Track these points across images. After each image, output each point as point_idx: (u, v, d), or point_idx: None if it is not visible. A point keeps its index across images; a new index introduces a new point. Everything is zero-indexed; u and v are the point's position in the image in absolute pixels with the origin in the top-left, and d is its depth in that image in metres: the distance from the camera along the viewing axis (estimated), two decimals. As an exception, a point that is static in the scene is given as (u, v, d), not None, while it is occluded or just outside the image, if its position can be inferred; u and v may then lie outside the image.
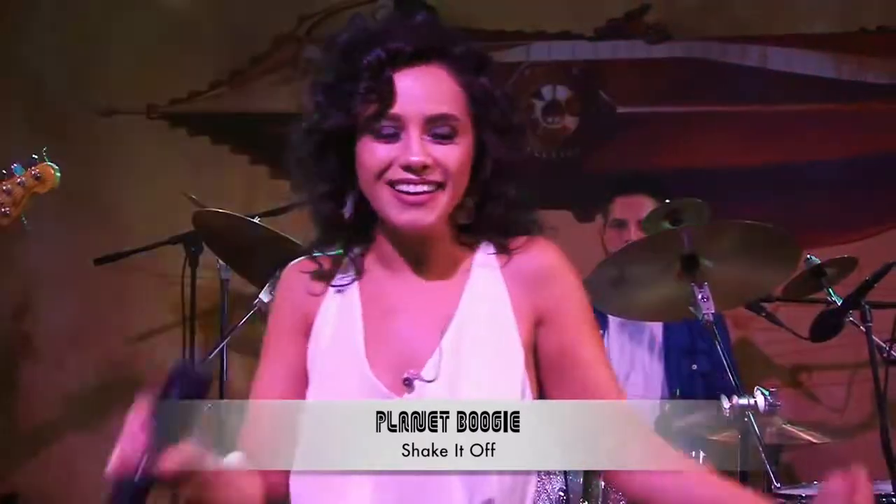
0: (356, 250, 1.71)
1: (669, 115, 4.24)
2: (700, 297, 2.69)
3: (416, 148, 1.59)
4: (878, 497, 2.88)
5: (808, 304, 3.32)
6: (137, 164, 4.52)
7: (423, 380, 1.60)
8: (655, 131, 4.25)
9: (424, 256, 1.67)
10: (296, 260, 1.78)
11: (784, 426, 3.11)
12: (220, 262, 3.50)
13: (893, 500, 2.71)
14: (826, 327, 3.04)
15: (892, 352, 2.96)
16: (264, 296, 3.09)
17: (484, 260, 1.68)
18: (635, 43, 4.31)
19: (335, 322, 1.68)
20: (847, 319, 3.00)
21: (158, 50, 4.54)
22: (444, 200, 1.61)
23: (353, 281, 1.70)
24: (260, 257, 3.23)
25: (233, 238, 3.31)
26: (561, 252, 1.69)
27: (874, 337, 2.86)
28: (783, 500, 2.92)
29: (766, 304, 3.28)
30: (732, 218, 3.02)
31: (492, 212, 1.67)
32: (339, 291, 1.70)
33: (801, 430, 3.28)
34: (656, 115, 4.27)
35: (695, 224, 3.11)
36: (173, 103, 4.55)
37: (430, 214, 1.60)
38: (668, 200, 3.32)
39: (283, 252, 3.18)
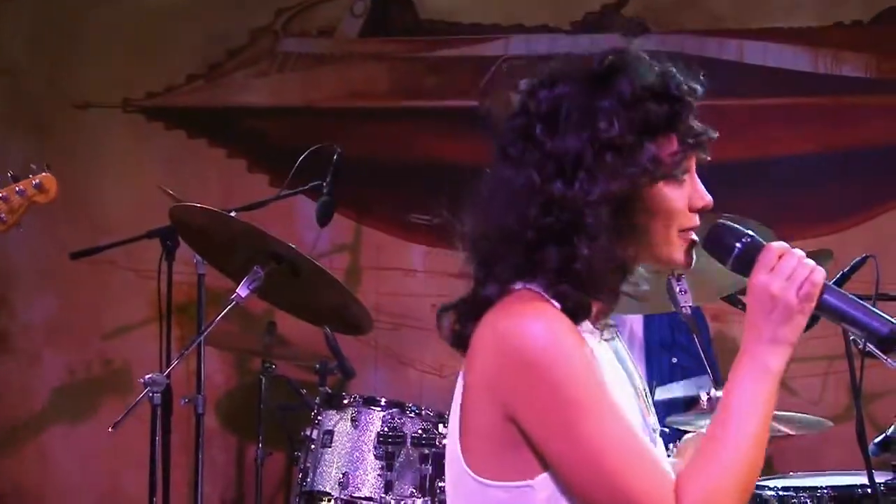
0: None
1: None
2: (678, 290, 2.69)
3: (705, 189, 1.54)
4: (854, 487, 2.91)
5: (785, 296, 3.33)
6: (113, 158, 4.50)
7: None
8: (633, 125, 4.26)
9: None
10: (539, 310, 1.45)
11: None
12: (197, 256, 3.49)
13: (869, 490, 2.73)
14: (802, 320, 3.05)
15: (868, 344, 2.97)
16: (241, 291, 3.07)
17: None
18: (613, 36, 4.31)
19: (612, 375, 1.52)
20: (823, 312, 3.01)
21: (134, 43, 4.52)
22: None
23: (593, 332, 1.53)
24: (237, 252, 3.22)
25: (210, 233, 3.29)
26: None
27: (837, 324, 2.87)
28: (760, 492, 2.94)
29: (743, 297, 3.28)
30: (709, 211, 3.02)
31: None
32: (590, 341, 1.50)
33: (777, 422, 3.30)
34: (634, 109, 4.28)
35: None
36: (150, 97, 4.52)
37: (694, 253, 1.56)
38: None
39: (260, 247, 3.19)
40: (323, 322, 3.39)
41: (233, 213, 3.30)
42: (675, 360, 3.60)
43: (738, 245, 1.51)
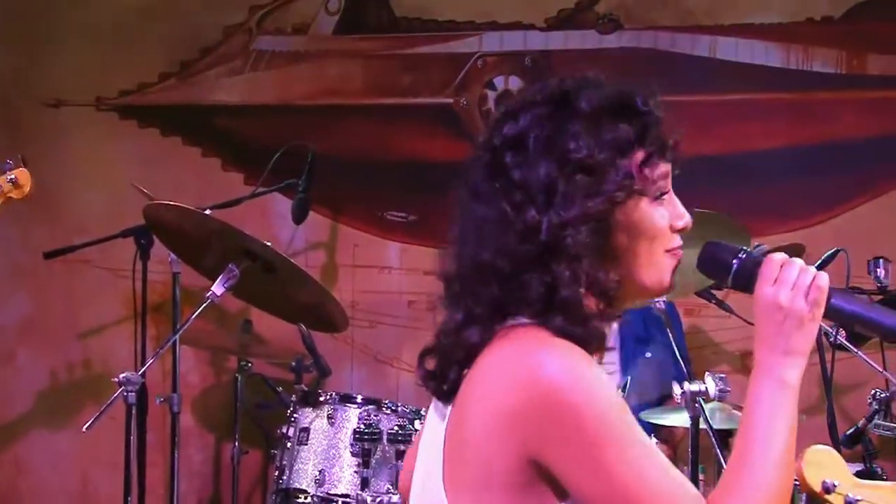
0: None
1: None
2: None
3: (683, 207, 1.50)
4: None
5: (757, 290, 3.36)
6: (86, 157, 4.47)
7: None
8: (606, 121, 4.27)
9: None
10: (561, 348, 1.39)
11: (734, 411, 3.16)
12: (172, 255, 3.48)
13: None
14: (775, 313, 3.08)
15: (839, 337, 3.00)
16: (216, 289, 3.07)
17: None
18: (586, 33, 4.33)
19: None
20: (795, 306, 3.03)
21: (107, 40, 4.49)
22: None
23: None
24: (212, 250, 3.22)
25: (184, 231, 3.29)
26: None
27: (821, 322, 2.90)
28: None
29: (716, 292, 3.31)
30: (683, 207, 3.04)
31: None
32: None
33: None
34: (607, 105, 4.29)
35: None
36: (123, 95, 4.50)
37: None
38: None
39: (235, 245, 3.18)
40: (299, 320, 3.39)
41: (208, 212, 3.30)
42: (648, 354, 3.62)
43: (734, 261, 1.49)
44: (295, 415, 3.14)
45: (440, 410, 1.48)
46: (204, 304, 3.07)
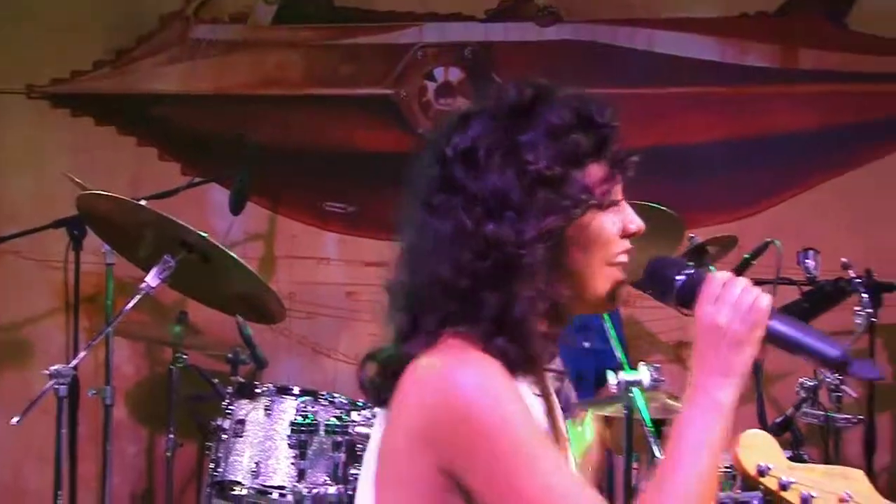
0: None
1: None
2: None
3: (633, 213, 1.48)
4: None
5: (692, 281, 3.40)
6: (17, 146, 4.40)
7: None
8: (545, 113, 4.29)
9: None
10: (475, 359, 1.39)
11: (668, 400, 3.20)
12: (106, 246, 3.44)
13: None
14: (708, 304, 3.12)
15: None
16: (151, 280, 3.04)
17: None
18: (526, 25, 4.35)
19: (543, 423, 1.48)
20: (728, 296, 3.08)
21: (39, 27, 4.41)
22: None
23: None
24: (147, 241, 3.19)
25: (119, 222, 3.25)
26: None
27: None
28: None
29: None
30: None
31: None
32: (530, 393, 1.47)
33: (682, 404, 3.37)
34: (546, 97, 4.31)
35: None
36: (55, 83, 4.43)
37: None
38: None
39: (171, 235, 3.15)
40: (235, 311, 3.37)
41: (143, 202, 3.26)
42: (587, 343, 3.65)
43: (677, 279, 1.46)
44: (231, 407, 3.12)
45: (383, 412, 1.49)
46: (138, 296, 3.04)
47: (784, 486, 1.46)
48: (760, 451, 1.46)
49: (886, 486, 3.86)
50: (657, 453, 2.79)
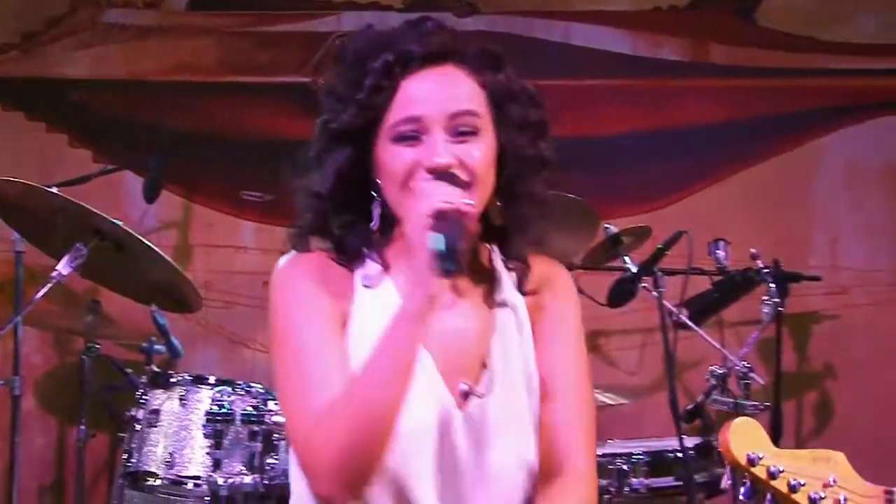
0: (373, 253, 1.67)
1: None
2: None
3: (441, 149, 1.57)
4: (666, 452, 3.06)
5: (606, 271, 3.46)
6: (-81, 131, 4.27)
7: (477, 395, 1.62)
8: (463, 103, 4.32)
9: None
10: (293, 258, 1.68)
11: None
12: (15, 234, 3.36)
13: (679, 454, 2.87)
14: (622, 293, 3.19)
15: (681, 316, 3.13)
16: (62, 268, 2.99)
17: (507, 273, 1.70)
18: (444, 16, 4.36)
19: (379, 324, 1.56)
20: (641, 286, 3.15)
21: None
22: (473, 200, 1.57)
23: (381, 281, 1.65)
24: (58, 229, 3.13)
25: (29, 209, 3.18)
26: (571, 279, 1.75)
27: (665, 302, 3.02)
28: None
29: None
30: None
31: (516, 211, 1.66)
32: (368, 288, 1.64)
33: (598, 393, 3.44)
34: (464, 88, 4.33)
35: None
36: (-41, 66, 4.32)
37: None
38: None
39: (83, 223, 3.09)
40: (150, 300, 3.32)
41: (54, 189, 3.19)
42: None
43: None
44: (145, 397, 3.08)
45: None
46: (49, 285, 2.98)
47: (773, 475, 1.47)
48: (750, 439, 1.48)
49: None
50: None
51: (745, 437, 1.48)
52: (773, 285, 3.40)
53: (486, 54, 1.67)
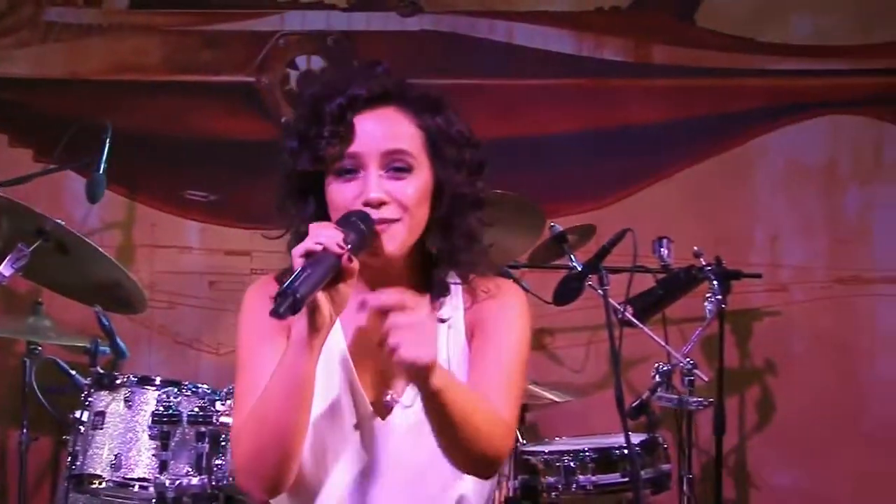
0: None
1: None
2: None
3: (373, 184, 1.70)
4: (612, 448, 3.10)
5: (552, 269, 3.50)
6: None
7: (401, 405, 1.75)
8: (408, 102, 4.32)
9: (393, 286, 1.69)
10: (262, 280, 1.83)
11: (529, 387, 3.28)
12: (-46, 234, 3.30)
13: (626, 451, 2.91)
14: (568, 291, 3.22)
15: (626, 313, 3.16)
16: (4, 269, 2.95)
17: (453, 296, 1.80)
18: (388, 15, 4.37)
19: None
20: (586, 283, 3.18)
21: None
22: (402, 231, 1.71)
23: None
24: (0, 229, 3.09)
25: (-32, 209, 3.13)
26: (524, 299, 1.84)
27: (610, 300, 3.05)
28: (528, 457, 3.08)
29: (513, 271, 3.42)
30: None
31: (453, 245, 1.77)
32: None
33: (544, 390, 3.47)
34: (409, 87, 4.34)
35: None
36: None
37: (389, 244, 1.70)
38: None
39: (24, 223, 3.05)
40: (94, 301, 3.29)
41: (-6, 189, 3.15)
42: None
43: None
44: (90, 398, 3.05)
45: None
46: (-10, 287, 2.94)
47: None
48: None
49: (735, 466, 4.05)
50: (519, 438, 2.85)
51: None
52: (715, 283, 3.45)
53: (427, 99, 1.79)
